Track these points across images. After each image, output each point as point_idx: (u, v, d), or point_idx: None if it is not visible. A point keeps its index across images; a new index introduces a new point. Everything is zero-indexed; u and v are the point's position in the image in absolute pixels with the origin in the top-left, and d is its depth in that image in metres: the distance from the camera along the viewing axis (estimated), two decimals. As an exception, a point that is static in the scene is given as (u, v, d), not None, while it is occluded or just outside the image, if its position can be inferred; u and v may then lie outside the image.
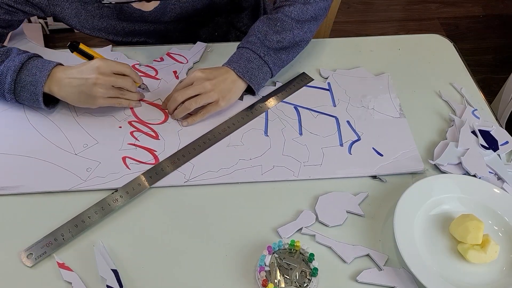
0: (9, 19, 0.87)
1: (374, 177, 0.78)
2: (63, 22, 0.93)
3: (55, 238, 0.68)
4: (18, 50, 0.82)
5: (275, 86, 0.91)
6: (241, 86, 0.85)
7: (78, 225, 0.69)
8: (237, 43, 0.89)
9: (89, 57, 0.82)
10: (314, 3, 0.88)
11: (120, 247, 0.68)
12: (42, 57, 0.82)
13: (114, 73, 0.80)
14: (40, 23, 2.02)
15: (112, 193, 0.73)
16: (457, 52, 1.00)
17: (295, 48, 0.89)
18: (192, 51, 0.96)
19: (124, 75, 0.81)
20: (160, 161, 0.77)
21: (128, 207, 0.72)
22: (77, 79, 0.78)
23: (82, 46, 0.82)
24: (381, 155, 0.80)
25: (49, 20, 2.04)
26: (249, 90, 0.87)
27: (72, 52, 0.82)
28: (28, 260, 0.66)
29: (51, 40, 2.07)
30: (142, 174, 0.75)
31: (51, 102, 0.82)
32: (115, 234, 0.70)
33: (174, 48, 0.96)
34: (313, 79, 0.92)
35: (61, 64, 0.81)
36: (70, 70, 0.79)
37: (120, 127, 0.82)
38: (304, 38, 0.89)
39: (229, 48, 0.92)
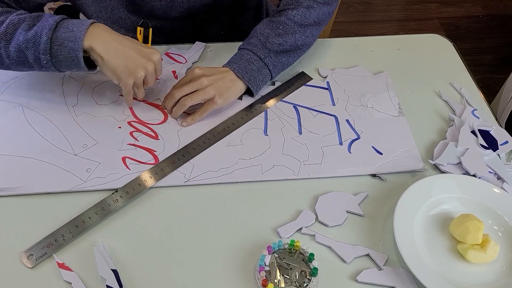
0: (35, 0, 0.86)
1: (374, 175, 0.78)
2: (80, 10, 0.93)
3: (55, 239, 0.68)
4: (50, 14, 0.78)
5: (274, 85, 0.91)
6: (240, 86, 0.85)
7: (79, 226, 0.69)
8: (238, 43, 0.89)
9: (145, 41, 0.86)
10: (317, 7, 0.88)
11: (120, 247, 0.68)
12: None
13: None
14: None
15: (112, 193, 0.73)
16: (457, 52, 1.00)
17: (296, 51, 0.89)
18: (191, 51, 0.96)
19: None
20: (160, 161, 0.77)
21: (128, 207, 0.72)
22: (134, 52, 0.77)
23: (150, 31, 0.85)
24: (381, 153, 0.80)
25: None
26: (248, 92, 0.87)
27: (138, 27, 0.85)
28: (28, 261, 0.66)
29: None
30: (142, 174, 0.75)
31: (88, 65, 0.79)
32: (115, 234, 0.70)
33: (173, 48, 0.96)
34: (312, 78, 0.92)
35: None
36: (124, 39, 0.78)
37: (120, 127, 0.82)
38: (305, 43, 0.89)
39: (229, 48, 0.92)
